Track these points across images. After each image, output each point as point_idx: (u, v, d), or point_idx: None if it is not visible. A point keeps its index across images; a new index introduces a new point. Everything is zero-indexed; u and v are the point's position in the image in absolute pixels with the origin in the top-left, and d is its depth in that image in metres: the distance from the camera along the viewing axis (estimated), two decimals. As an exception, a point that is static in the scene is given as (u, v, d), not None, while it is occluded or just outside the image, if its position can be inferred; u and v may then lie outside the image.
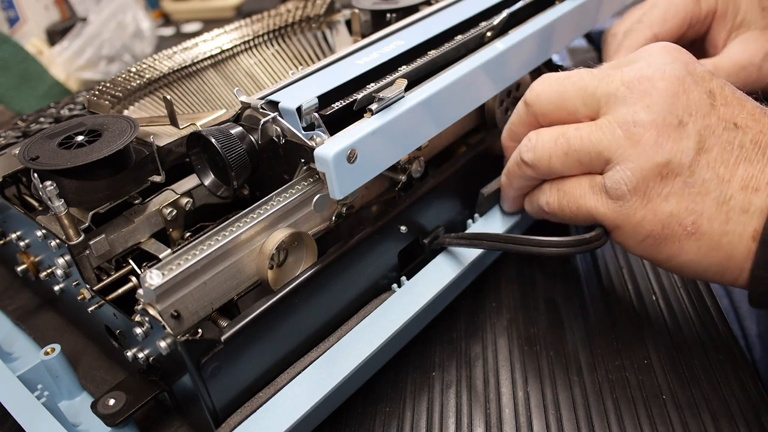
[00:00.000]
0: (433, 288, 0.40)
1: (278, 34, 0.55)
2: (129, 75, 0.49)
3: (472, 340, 0.42)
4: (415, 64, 0.39)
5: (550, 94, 0.37)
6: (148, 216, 0.37)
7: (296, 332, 0.35)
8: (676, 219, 0.32)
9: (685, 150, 0.32)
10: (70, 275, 0.36)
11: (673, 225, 0.32)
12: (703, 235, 0.32)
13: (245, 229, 0.32)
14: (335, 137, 0.33)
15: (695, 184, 0.32)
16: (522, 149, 0.38)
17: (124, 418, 0.32)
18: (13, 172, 0.42)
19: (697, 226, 0.32)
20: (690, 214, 0.32)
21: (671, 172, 0.32)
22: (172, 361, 0.31)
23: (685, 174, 0.32)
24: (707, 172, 0.32)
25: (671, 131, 0.32)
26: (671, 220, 0.32)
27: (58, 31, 0.98)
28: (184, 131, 0.40)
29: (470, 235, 0.40)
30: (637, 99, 0.33)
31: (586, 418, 0.36)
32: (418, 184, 0.41)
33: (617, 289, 0.45)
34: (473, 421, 0.37)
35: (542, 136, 0.37)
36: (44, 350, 0.36)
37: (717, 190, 0.32)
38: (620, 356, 0.40)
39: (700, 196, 0.32)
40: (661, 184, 0.32)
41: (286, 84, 0.38)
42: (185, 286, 0.30)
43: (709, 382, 0.38)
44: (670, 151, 0.32)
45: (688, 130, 0.32)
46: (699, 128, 0.32)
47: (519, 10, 0.46)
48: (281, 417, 0.32)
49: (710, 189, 0.32)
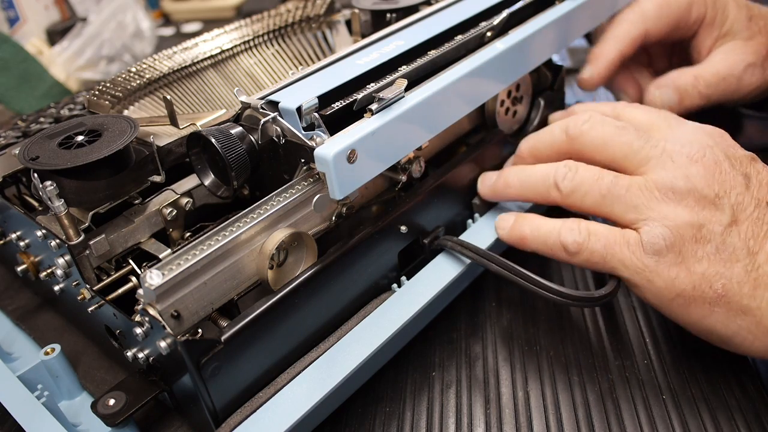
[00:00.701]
0: (433, 288, 0.40)
1: (278, 34, 0.55)
2: (129, 75, 0.49)
3: (472, 340, 0.42)
4: (415, 64, 0.39)
5: (596, 138, 0.39)
6: (148, 216, 0.37)
7: (296, 332, 0.35)
8: (707, 281, 0.34)
9: (719, 219, 0.34)
10: (70, 275, 0.36)
11: (704, 286, 0.34)
12: (732, 298, 0.33)
13: (245, 229, 0.32)
14: (335, 137, 0.33)
15: (726, 251, 0.34)
16: (559, 175, 0.39)
17: (124, 418, 0.32)
18: (13, 172, 0.42)
19: (727, 289, 0.33)
20: (720, 278, 0.33)
21: (704, 238, 0.34)
22: (172, 361, 0.31)
23: (717, 241, 0.34)
24: (738, 242, 0.34)
25: (707, 202, 0.35)
26: (702, 281, 0.34)
27: (58, 31, 0.98)
28: (184, 131, 0.40)
29: (476, 249, 0.40)
30: (677, 169, 0.36)
31: (586, 418, 0.36)
32: (418, 184, 0.41)
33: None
34: (473, 421, 0.37)
35: (584, 172, 0.38)
36: (44, 350, 0.36)
37: (746, 259, 0.34)
38: (620, 356, 0.40)
39: (730, 263, 0.34)
40: (695, 246, 0.34)
41: (286, 84, 0.38)
42: (185, 286, 0.30)
43: (709, 382, 0.38)
44: (705, 217, 0.34)
45: (723, 203, 0.35)
46: (733, 203, 0.35)
47: (519, 10, 0.46)
48: (281, 417, 0.32)
49: (740, 257, 0.34)
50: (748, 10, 0.52)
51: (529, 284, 0.37)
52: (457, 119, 0.40)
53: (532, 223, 0.39)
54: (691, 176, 0.35)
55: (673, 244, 0.34)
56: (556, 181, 0.39)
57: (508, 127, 0.48)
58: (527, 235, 0.39)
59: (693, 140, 0.37)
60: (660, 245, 0.34)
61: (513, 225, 0.41)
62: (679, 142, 0.37)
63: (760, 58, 0.51)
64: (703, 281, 0.34)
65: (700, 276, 0.34)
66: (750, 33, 0.51)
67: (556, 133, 0.41)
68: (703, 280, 0.34)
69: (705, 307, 0.34)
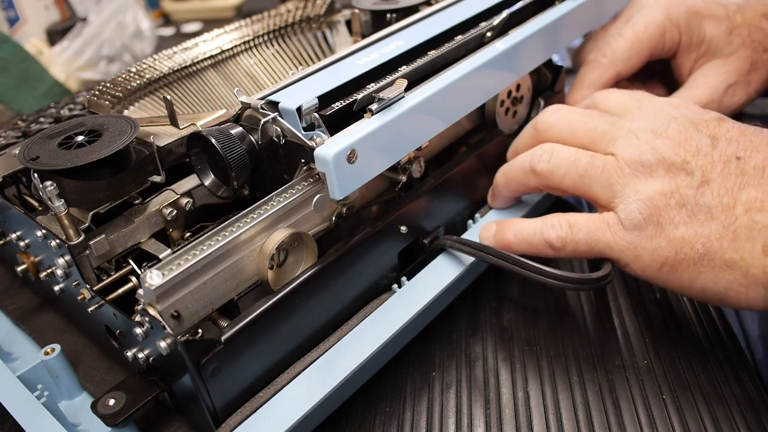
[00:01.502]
0: (434, 288, 0.40)
1: (278, 34, 0.55)
2: (129, 75, 0.49)
3: (472, 340, 0.42)
4: (415, 65, 0.39)
5: (563, 128, 0.41)
6: (148, 216, 0.37)
7: (296, 332, 0.35)
8: (688, 243, 0.34)
9: (690, 183, 0.35)
10: (70, 275, 0.36)
11: (686, 249, 0.34)
12: (714, 255, 0.34)
13: (245, 229, 0.32)
14: (335, 137, 0.33)
15: (701, 211, 0.34)
16: (534, 158, 0.40)
17: (124, 418, 0.32)
18: (13, 172, 0.42)
19: (707, 247, 0.34)
20: (699, 238, 0.34)
21: (678, 203, 0.35)
22: (172, 361, 0.31)
23: (690, 203, 0.35)
24: (711, 200, 0.34)
25: (676, 169, 0.36)
26: (683, 244, 0.34)
27: (58, 31, 0.99)
28: (184, 131, 0.40)
29: (475, 245, 0.40)
30: (643, 144, 0.37)
31: (586, 418, 0.36)
32: (418, 184, 0.41)
33: (617, 289, 0.45)
34: (473, 421, 0.37)
35: (560, 152, 0.39)
36: (44, 350, 0.36)
37: (722, 215, 0.34)
38: (620, 356, 0.40)
39: (707, 222, 0.34)
40: (671, 213, 0.35)
41: (286, 84, 0.38)
42: (185, 287, 0.30)
43: (709, 382, 0.38)
44: (677, 184, 0.35)
45: (692, 166, 0.35)
46: (701, 164, 0.35)
47: (519, 10, 0.46)
48: (281, 417, 0.32)
49: (715, 215, 0.34)
50: (729, 23, 0.51)
51: (528, 272, 0.37)
52: (457, 119, 0.40)
53: (514, 228, 0.40)
54: (657, 148, 0.36)
55: (650, 216, 0.35)
56: (532, 165, 0.40)
57: (508, 127, 0.48)
58: (511, 240, 0.40)
59: (657, 115, 0.38)
60: (638, 219, 0.35)
61: (495, 233, 0.41)
62: (644, 119, 0.38)
63: (742, 75, 0.50)
64: (684, 245, 0.34)
65: (680, 240, 0.34)
66: (731, 48, 0.50)
67: (528, 131, 0.43)
68: (684, 244, 0.34)
69: (691, 269, 0.34)
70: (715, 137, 0.36)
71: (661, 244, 0.35)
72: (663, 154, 0.36)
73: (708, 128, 0.37)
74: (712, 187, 0.35)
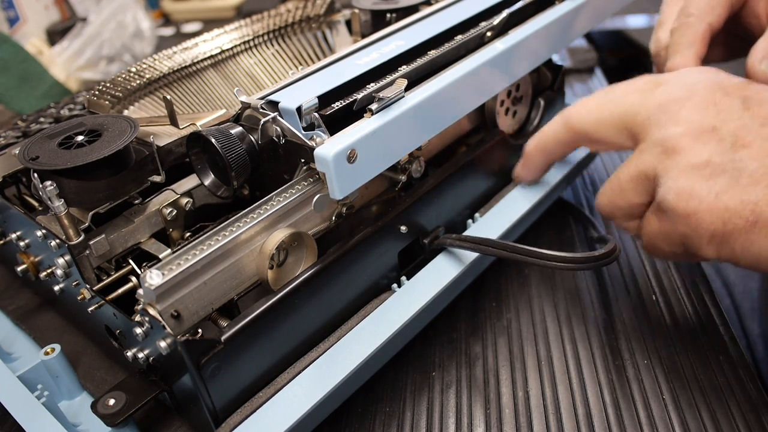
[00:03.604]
0: (433, 288, 0.40)
1: (278, 34, 0.55)
2: (129, 75, 0.49)
3: (472, 340, 0.42)
4: (415, 64, 0.39)
5: (591, 123, 0.40)
6: (148, 216, 0.37)
7: (296, 332, 0.35)
8: (735, 212, 0.32)
9: (723, 149, 0.33)
10: (70, 275, 0.36)
11: (734, 219, 0.32)
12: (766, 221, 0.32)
13: (245, 229, 0.32)
14: (335, 137, 0.33)
15: (742, 176, 0.32)
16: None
17: (124, 418, 0.32)
18: (13, 172, 0.42)
19: (757, 213, 0.32)
20: (746, 205, 0.32)
21: (714, 172, 0.33)
22: (172, 361, 0.31)
23: (728, 170, 0.33)
24: (752, 163, 0.32)
25: (705, 136, 0.34)
26: (730, 215, 0.32)
27: (58, 31, 0.99)
28: (184, 131, 0.40)
29: (474, 239, 0.40)
30: (669, 119, 0.35)
31: (586, 418, 0.36)
32: (418, 184, 0.41)
33: (617, 289, 0.45)
34: (473, 421, 0.37)
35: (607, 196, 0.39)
36: (44, 350, 0.36)
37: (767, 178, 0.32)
38: (620, 356, 0.40)
39: (751, 187, 0.32)
40: (709, 183, 0.33)
41: (286, 84, 0.38)
42: (185, 286, 0.30)
43: (709, 382, 0.38)
44: (708, 152, 0.33)
45: (722, 132, 0.33)
46: (733, 129, 0.33)
47: (519, 10, 0.46)
48: (281, 417, 0.32)
49: (759, 179, 0.32)
50: None
51: (530, 258, 0.36)
52: (457, 119, 0.40)
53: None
54: (682, 120, 0.35)
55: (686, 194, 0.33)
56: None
57: (508, 127, 0.48)
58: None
59: (681, 85, 0.37)
60: (674, 202, 0.34)
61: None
62: (668, 93, 0.37)
63: None
64: (731, 214, 0.32)
65: (725, 210, 0.32)
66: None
67: (558, 128, 0.42)
68: (730, 214, 0.32)
69: (743, 238, 0.32)
70: (746, 98, 0.35)
71: (705, 218, 0.33)
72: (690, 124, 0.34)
73: (738, 90, 0.35)
74: (750, 151, 0.33)
